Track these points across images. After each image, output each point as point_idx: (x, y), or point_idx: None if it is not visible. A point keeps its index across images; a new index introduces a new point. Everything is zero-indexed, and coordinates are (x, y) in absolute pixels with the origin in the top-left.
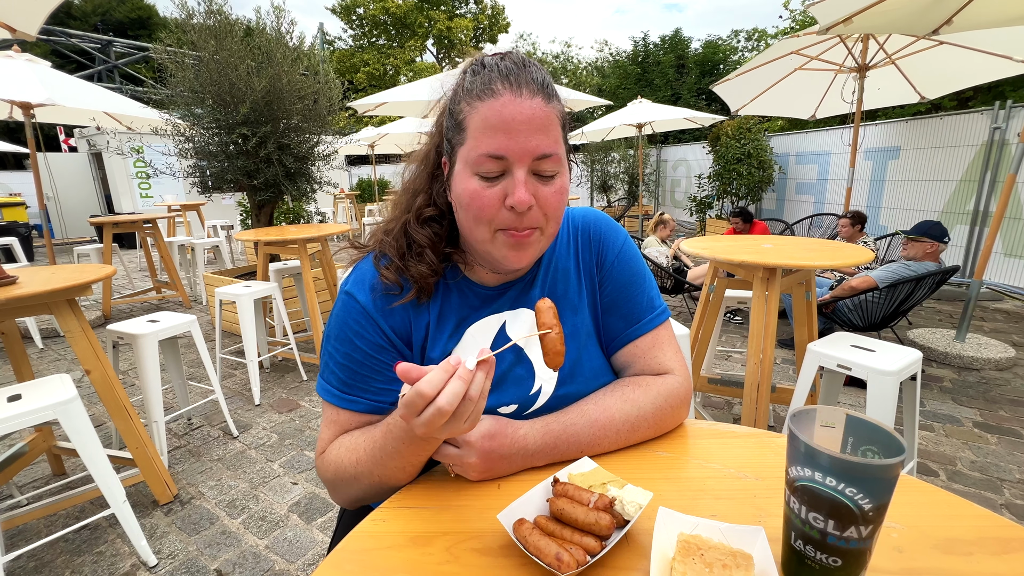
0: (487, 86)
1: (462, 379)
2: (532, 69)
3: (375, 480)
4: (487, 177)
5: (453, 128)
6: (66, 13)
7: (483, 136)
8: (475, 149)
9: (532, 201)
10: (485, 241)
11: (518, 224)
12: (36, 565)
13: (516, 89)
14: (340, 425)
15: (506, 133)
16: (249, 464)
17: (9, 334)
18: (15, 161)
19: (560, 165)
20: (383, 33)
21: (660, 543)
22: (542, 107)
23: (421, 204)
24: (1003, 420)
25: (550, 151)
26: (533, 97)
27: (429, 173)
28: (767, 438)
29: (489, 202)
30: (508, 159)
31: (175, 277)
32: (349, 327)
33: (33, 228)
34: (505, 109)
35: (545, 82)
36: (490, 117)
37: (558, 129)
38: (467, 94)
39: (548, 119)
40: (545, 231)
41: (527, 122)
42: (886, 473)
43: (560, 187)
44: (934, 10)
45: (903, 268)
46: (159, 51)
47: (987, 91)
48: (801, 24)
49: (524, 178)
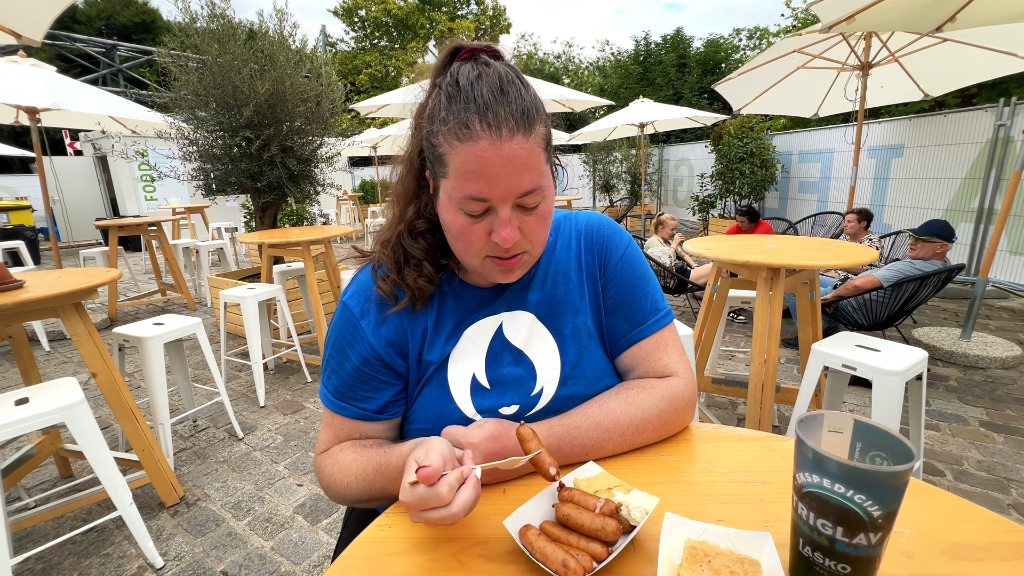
0: (464, 126)
1: (476, 489)
2: (511, 96)
3: (362, 504)
4: (472, 215)
5: (433, 157)
6: (71, 18)
7: (464, 180)
8: (457, 190)
9: (517, 236)
10: (475, 265)
11: (505, 255)
12: (44, 567)
13: (496, 131)
14: (334, 428)
15: (487, 179)
16: (254, 466)
17: (16, 338)
18: (21, 165)
19: (543, 193)
20: (385, 35)
21: (667, 549)
22: (523, 145)
23: (412, 216)
24: (1010, 419)
25: (533, 186)
26: (513, 137)
27: (415, 178)
28: (773, 442)
29: (476, 236)
30: (491, 201)
31: (180, 280)
32: (343, 337)
33: (39, 232)
34: (485, 155)
35: (525, 110)
36: (470, 162)
37: (540, 158)
38: (443, 125)
39: (530, 155)
40: (532, 252)
41: (508, 165)
42: (895, 480)
43: (543, 212)
44: (937, 7)
45: (908, 266)
46: (163, 55)
47: (991, 88)
48: (803, 22)
49: (508, 216)
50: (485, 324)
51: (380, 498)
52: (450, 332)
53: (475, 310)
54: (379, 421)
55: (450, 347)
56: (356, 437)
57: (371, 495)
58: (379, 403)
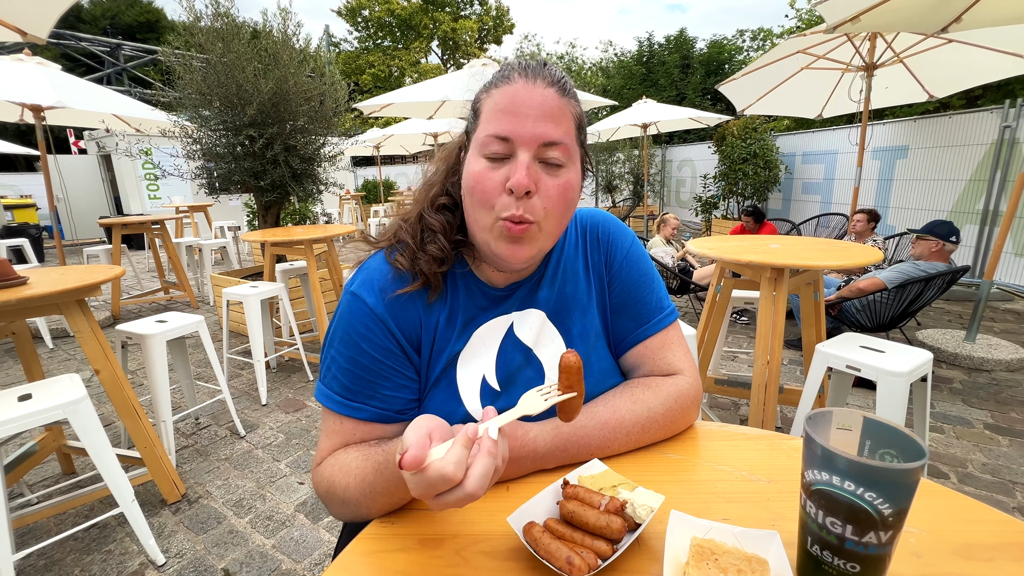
0: (504, 76)
1: (492, 455)
2: (552, 68)
3: (362, 511)
4: (493, 159)
5: (471, 118)
6: (76, 17)
7: (492, 118)
8: (484, 130)
9: (531, 186)
10: (485, 229)
11: (515, 210)
12: (46, 563)
13: (531, 78)
14: (342, 435)
15: (514, 115)
16: (256, 464)
17: (20, 334)
18: (26, 163)
19: (569, 158)
20: (388, 35)
21: (673, 547)
22: (555, 97)
23: (436, 193)
24: (1014, 422)
25: (558, 139)
26: (547, 88)
27: (448, 168)
28: (778, 440)
29: (492, 185)
30: (513, 141)
31: (183, 278)
32: (355, 330)
33: (44, 229)
34: (517, 94)
35: (563, 80)
36: (501, 101)
37: (571, 123)
38: (487, 87)
39: (560, 110)
40: (544, 228)
41: (536, 108)
42: (906, 477)
43: (566, 182)
44: (943, 8)
45: (912, 268)
46: (167, 54)
47: (996, 90)
48: (807, 23)
49: (527, 162)
50: (496, 324)
51: (380, 503)
52: (460, 330)
53: (487, 308)
54: (400, 422)
55: (459, 347)
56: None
57: (370, 499)
58: (401, 401)
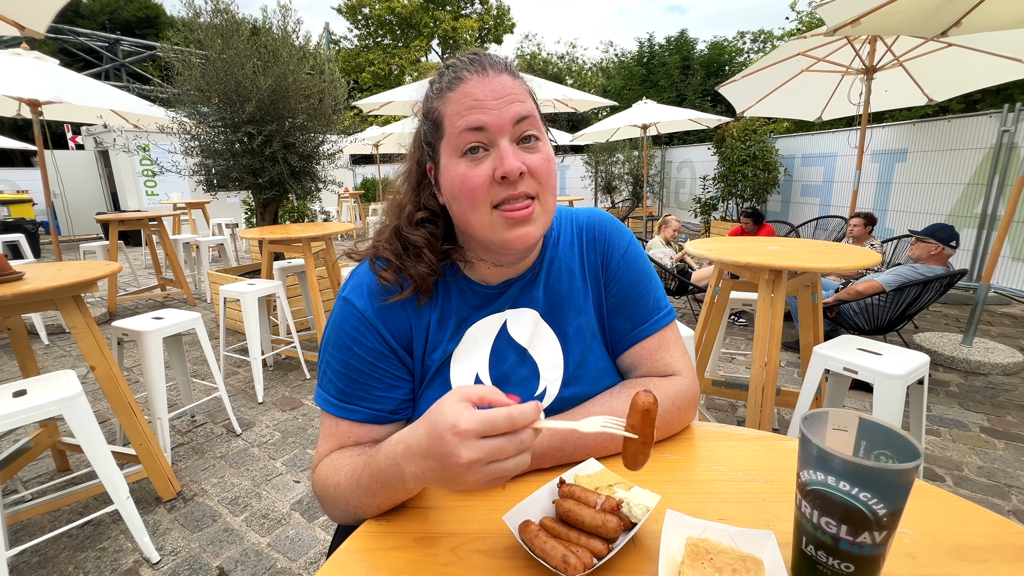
0: (455, 77)
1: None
2: (494, 55)
3: (351, 509)
4: (471, 154)
5: (430, 130)
6: (74, 11)
7: (459, 117)
8: (454, 129)
9: (523, 167)
10: (484, 227)
11: (513, 194)
12: (40, 560)
13: (482, 70)
14: (338, 437)
15: (481, 109)
16: (252, 462)
17: (15, 330)
18: (23, 158)
19: (539, 130)
20: (388, 33)
21: (668, 546)
22: (509, 80)
23: (411, 211)
24: (1010, 425)
25: (527, 112)
26: (499, 74)
27: (413, 187)
28: (775, 441)
29: (480, 181)
30: (489, 130)
31: (180, 275)
32: (347, 334)
33: (40, 225)
34: (475, 89)
35: (509, 63)
36: (463, 100)
37: (529, 98)
38: (437, 94)
39: (518, 88)
40: (543, 202)
41: (499, 94)
42: (902, 478)
43: (547, 155)
44: (943, 12)
45: (910, 271)
46: (166, 50)
47: (995, 94)
48: (808, 25)
49: (509, 147)
50: (488, 322)
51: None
52: (453, 330)
53: (479, 308)
54: (394, 423)
55: (452, 345)
56: (367, 444)
57: (358, 497)
58: (394, 402)
